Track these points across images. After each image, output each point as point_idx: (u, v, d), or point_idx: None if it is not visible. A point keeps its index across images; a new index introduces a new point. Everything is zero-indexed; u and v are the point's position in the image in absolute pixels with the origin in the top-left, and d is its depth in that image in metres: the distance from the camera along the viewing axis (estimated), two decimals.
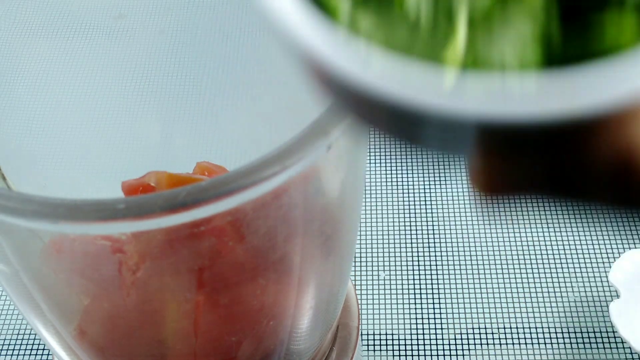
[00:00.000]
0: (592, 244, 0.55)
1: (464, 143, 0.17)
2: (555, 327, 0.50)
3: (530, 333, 0.50)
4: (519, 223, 0.57)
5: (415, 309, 0.52)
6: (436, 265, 0.55)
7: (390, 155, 0.62)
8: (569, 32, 0.17)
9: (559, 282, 0.53)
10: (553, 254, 0.55)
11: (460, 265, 0.54)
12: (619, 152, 0.14)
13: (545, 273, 0.53)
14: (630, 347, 0.49)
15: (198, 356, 0.30)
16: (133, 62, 0.44)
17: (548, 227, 0.56)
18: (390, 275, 0.54)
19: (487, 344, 0.50)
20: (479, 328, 0.51)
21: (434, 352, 0.50)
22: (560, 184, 0.16)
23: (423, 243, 0.56)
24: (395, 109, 0.15)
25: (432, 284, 0.54)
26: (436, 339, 0.50)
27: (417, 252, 0.55)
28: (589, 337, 0.50)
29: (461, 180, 0.60)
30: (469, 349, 0.50)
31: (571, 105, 0.14)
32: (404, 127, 0.18)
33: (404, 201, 0.59)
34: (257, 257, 0.28)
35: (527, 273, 0.53)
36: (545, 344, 0.50)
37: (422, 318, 0.52)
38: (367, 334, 0.51)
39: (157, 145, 0.42)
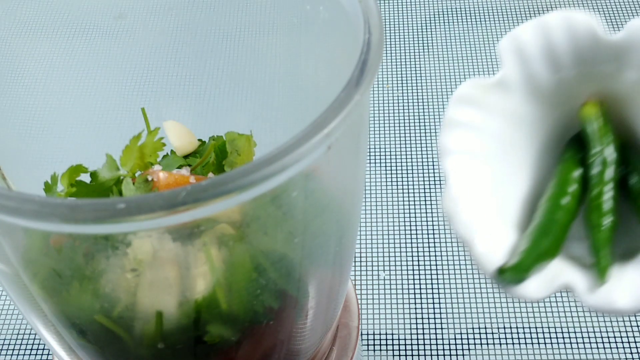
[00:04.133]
0: None
1: None
2: (555, 327, 0.50)
3: (530, 333, 0.50)
4: None
5: (415, 309, 0.52)
6: (436, 265, 0.55)
7: (390, 155, 0.62)
8: None
9: None
10: None
11: (460, 265, 0.54)
12: None
13: None
14: (630, 347, 0.49)
15: (198, 356, 0.30)
16: (133, 62, 0.44)
17: None
18: (390, 275, 0.54)
19: (487, 344, 0.50)
20: (479, 328, 0.51)
21: (434, 352, 0.50)
22: None
23: (423, 243, 0.56)
24: None
25: (432, 284, 0.54)
26: (436, 339, 0.50)
27: (417, 252, 0.55)
28: (588, 337, 0.50)
29: None
30: (469, 349, 0.50)
31: None
32: None
33: (404, 201, 0.59)
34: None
35: None
36: (545, 344, 0.50)
37: (422, 318, 0.52)
38: (367, 334, 0.51)
39: None
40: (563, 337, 0.50)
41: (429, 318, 0.52)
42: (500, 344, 0.50)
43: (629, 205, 0.29)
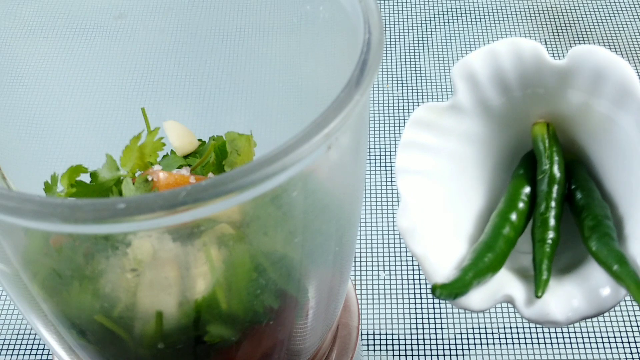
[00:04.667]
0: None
1: None
2: (555, 327, 0.50)
3: (530, 333, 0.50)
4: None
5: (415, 309, 0.52)
6: None
7: (391, 155, 0.62)
8: None
9: None
10: None
11: None
12: None
13: None
14: (630, 347, 0.49)
15: (198, 356, 0.30)
16: (133, 62, 0.44)
17: None
18: (390, 275, 0.54)
19: (487, 344, 0.50)
20: (479, 328, 0.51)
21: (434, 352, 0.50)
22: None
23: None
24: None
25: None
26: (436, 339, 0.50)
27: None
28: (588, 337, 0.50)
29: None
30: (469, 349, 0.50)
31: None
32: None
33: None
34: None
35: None
36: (545, 344, 0.50)
37: (422, 318, 0.52)
38: (367, 334, 0.51)
39: None
40: (563, 337, 0.50)
41: (429, 318, 0.52)
42: (500, 344, 0.50)
43: (573, 220, 0.30)
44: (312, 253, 0.30)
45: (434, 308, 0.52)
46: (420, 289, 0.53)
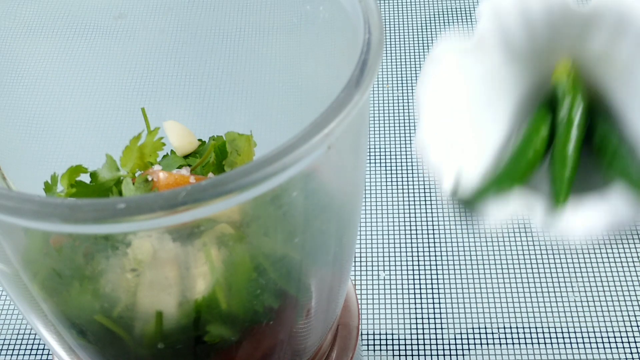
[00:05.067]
0: (592, 244, 0.55)
1: None
2: (555, 327, 0.50)
3: (530, 333, 0.50)
4: (518, 223, 0.57)
5: (415, 309, 0.52)
6: (436, 265, 0.55)
7: (390, 155, 0.62)
8: None
9: (559, 282, 0.53)
10: (553, 254, 0.55)
11: (460, 265, 0.54)
12: None
13: (545, 273, 0.54)
14: (630, 347, 0.49)
15: (198, 356, 0.30)
16: (133, 62, 0.44)
17: None
18: (390, 275, 0.54)
19: (487, 344, 0.50)
20: (479, 328, 0.51)
21: (434, 352, 0.50)
22: None
23: (423, 243, 0.56)
24: None
25: (432, 284, 0.54)
26: (436, 339, 0.50)
27: (417, 252, 0.55)
28: (588, 337, 0.50)
29: None
30: (469, 349, 0.50)
31: None
32: None
33: (404, 201, 0.59)
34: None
35: (527, 273, 0.53)
36: (545, 344, 0.50)
37: (422, 318, 0.52)
38: (367, 334, 0.51)
39: None
40: (563, 337, 0.50)
41: (429, 318, 0.52)
42: (500, 344, 0.50)
43: (590, 159, 0.31)
44: (312, 253, 0.30)
45: (434, 308, 0.52)
46: (420, 289, 0.53)
